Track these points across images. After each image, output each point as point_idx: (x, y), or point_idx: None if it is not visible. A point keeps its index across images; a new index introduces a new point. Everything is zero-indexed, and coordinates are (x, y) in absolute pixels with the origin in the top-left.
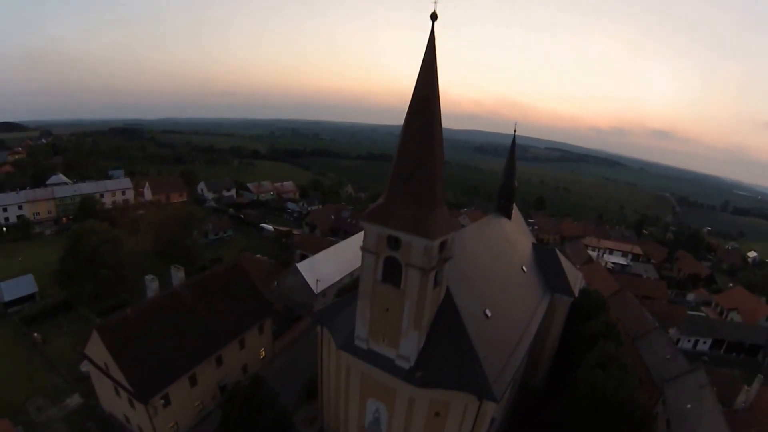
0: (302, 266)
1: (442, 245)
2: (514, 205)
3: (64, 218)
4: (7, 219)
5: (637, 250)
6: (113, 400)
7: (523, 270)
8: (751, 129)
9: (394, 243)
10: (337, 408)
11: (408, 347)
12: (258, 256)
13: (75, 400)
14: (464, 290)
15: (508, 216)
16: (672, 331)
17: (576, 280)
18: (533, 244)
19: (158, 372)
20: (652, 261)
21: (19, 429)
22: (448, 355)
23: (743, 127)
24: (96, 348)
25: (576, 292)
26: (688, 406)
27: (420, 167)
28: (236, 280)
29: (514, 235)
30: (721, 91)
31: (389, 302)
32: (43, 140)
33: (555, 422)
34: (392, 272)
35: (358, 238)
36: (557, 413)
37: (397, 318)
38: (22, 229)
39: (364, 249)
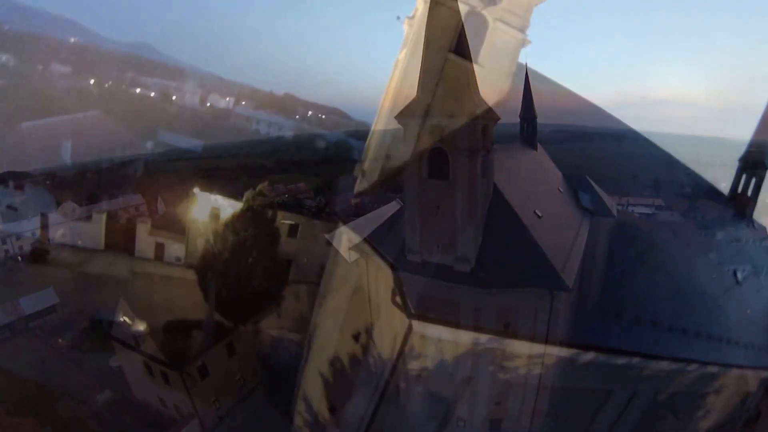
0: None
1: (485, 130)
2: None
3: None
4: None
5: (659, 202)
6: (146, 384)
7: (559, 191)
8: (750, 85)
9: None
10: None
11: (465, 246)
12: None
13: (105, 396)
14: (511, 189)
15: (534, 147)
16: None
17: (612, 205)
18: (563, 174)
19: (192, 339)
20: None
21: (48, 430)
22: (508, 251)
23: (745, 84)
24: (124, 324)
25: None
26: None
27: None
28: None
29: (544, 163)
30: (718, 50)
31: (439, 199)
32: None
33: None
34: (438, 166)
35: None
36: None
37: (450, 214)
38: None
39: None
